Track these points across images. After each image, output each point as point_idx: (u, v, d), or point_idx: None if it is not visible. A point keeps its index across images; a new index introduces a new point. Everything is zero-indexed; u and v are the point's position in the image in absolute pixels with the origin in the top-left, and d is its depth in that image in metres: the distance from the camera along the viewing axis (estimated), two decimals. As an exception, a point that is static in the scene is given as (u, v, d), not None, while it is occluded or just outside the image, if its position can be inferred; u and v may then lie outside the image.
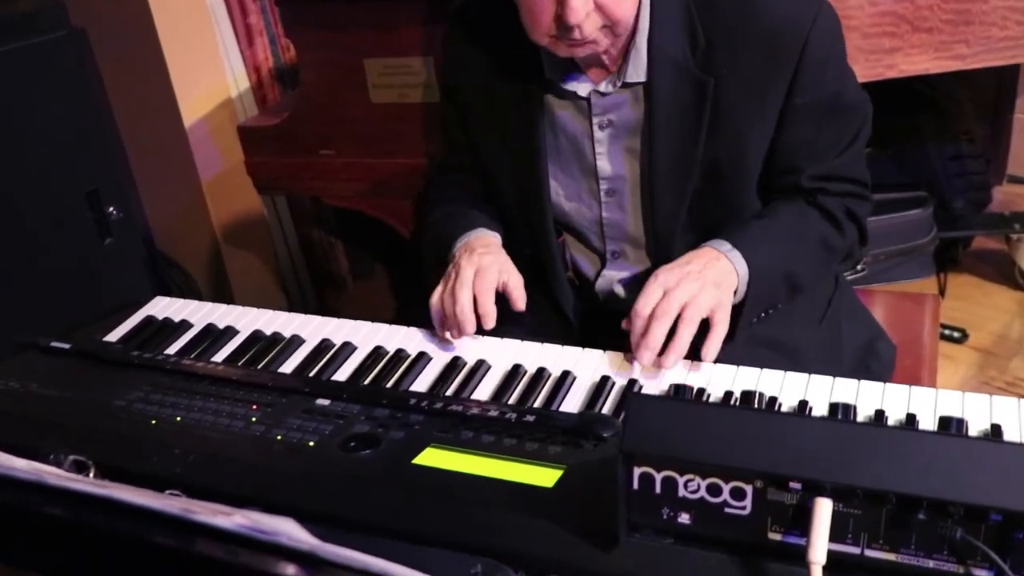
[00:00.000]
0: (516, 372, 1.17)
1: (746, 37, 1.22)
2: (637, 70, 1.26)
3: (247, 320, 1.34)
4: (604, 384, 1.13)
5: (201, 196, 2.57)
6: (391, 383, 1.17)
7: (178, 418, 1.07)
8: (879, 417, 1.02)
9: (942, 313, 1.86)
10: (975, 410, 1.02)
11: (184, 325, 1.34)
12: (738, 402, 1.08)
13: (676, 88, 1.25)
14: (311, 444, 1.01)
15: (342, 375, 1.20)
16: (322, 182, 2.20)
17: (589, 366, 1.17)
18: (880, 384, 1.08)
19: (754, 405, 1.07)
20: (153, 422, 1.07)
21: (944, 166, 2.66)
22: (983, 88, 2.76)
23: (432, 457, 0.96)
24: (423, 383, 1.18)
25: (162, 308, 1.40)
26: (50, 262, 1.99)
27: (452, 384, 1.16)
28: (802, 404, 1.06)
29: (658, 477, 0.78)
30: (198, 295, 2.61)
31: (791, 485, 0.75)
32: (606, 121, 1.31)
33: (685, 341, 1.13)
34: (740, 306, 1.21)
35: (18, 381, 1.17)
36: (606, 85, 1.29)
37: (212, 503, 0.69)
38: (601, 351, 1.20)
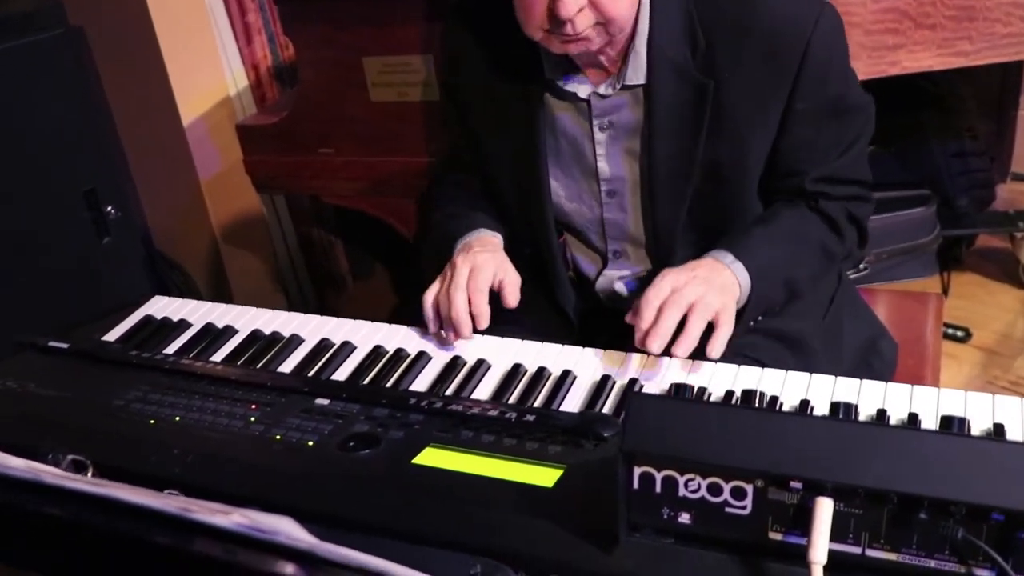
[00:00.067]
0: (516, 371, 1.16)
1: (747, 40, 1.21)
2: (637, 72, 1.25)
3: (246, 319, 1.34)
4: (604, 383, 1.13)
5: (200, 195, 2.56)
6: (391, 383, 1.17)
7: (177, 418, 1.07)
8: (881, 416, 1.02)
9: (945, 312, 1.85)
10: (977, 409, 1.01)
11: (183, 325, 1.34)
12: (739, 401, 1.08)
13: (676, 91, 1.24)
14: (310, 444, 1.01)
15: (341, 375, 1.20)
16: (321, 181, 2.20)
17: (589, 365, 1.17)
18: (882, 383, 1.07)
19: (755, 404, 1.06)
20: (152, 422, 1.07)
21: (947, 164, 2.65)
22: (987, 85, 2.75)
23: (432, 457, 0.96)
24: (423, 383, 1.17)
25: (161, 308, 1.39)
26: (48, 262, 1.99)
27: (452, 384, 1.16)
28: (803, 403, 1.06)
29: (658, 477, 0.78)
30: (197, 294, 2.61)
31: (792, 485, 0.75)
32: (606, 123, 1.30)
33: (696, 333, 1.12)
34: (740, 312, 1.22)
35: (16, 381, 1.17)
36: (606, 87, 1.28)
37: (211, 502, 0.69)
38: (602, 350, 1.19)
